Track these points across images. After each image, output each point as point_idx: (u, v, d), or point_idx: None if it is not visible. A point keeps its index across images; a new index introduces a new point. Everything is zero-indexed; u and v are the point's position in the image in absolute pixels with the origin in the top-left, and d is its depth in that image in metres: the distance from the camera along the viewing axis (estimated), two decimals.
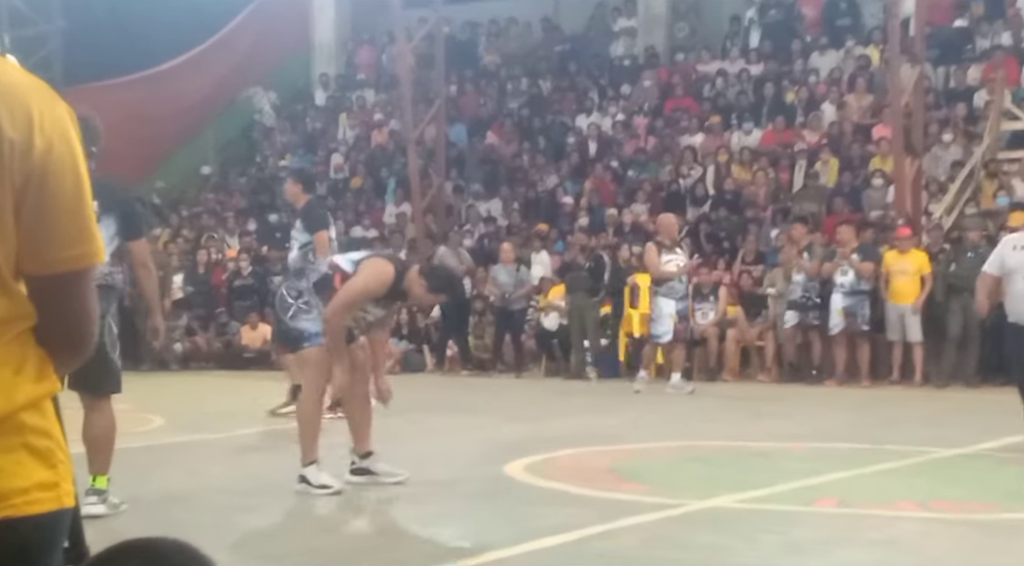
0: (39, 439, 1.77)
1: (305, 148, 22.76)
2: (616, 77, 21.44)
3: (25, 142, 1.70)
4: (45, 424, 1.79)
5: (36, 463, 1.76)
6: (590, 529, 5.87)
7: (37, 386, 1.78)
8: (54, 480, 1.78)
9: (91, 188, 1.77)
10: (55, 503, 1.78)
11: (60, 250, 1.75)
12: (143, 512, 6.40)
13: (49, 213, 1.73)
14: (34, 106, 1.73)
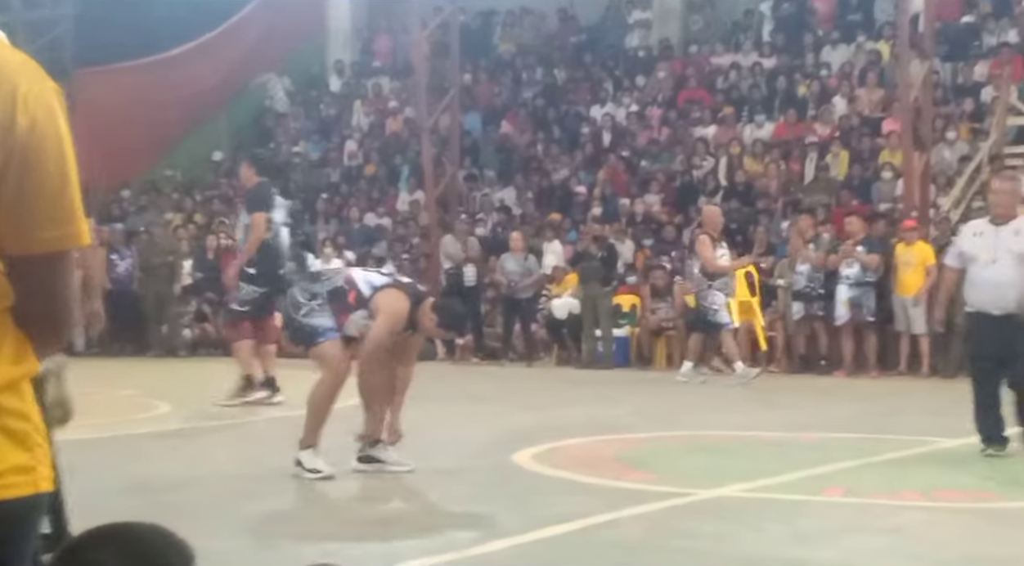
0: (16, 422, 1.73)
1: (319, 135, 22.76)
2: (630, 68, 21.41)
3: (8, 119, 1.66)
4: (23, 406, 1.74)
5: (12, 446, 1.72)
6: (596, 518, 5.89)
7: (15, 368, 1.73)
8: (31, 464, 1.74)
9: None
10: (31, 487, 1.74)
11: (42, 230, 1.70)
12: (145, 498, 6.42)
13: (31, 192, 1.68)
14: (19, 83, 1.69)
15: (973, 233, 8.07)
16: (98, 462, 7.60)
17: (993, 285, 7.69)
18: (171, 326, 17.57)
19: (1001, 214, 7.89)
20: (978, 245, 7.89)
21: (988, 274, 7.72)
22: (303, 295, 7.07)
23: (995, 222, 7.90)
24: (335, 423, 7.16)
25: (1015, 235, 7.77)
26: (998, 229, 7.83)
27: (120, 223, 18.98)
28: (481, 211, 18.90)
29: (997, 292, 7.67)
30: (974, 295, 7.94)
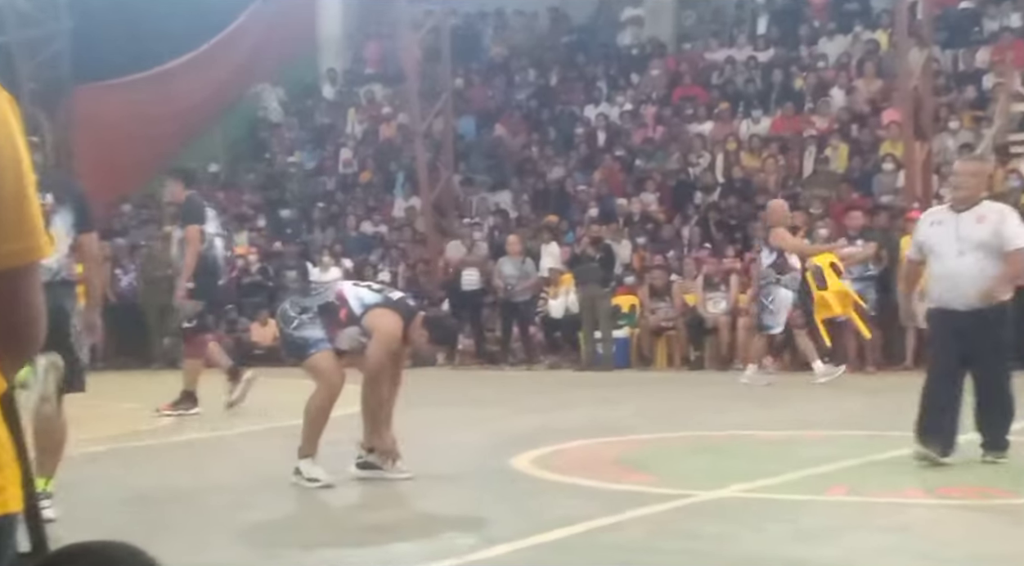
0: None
1: (313, 144, 22.73)
2: (624, 66, 21.35)
3: None
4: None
5: None
6: (597, 521, 5.83)
7: None
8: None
9: (48, 182, 1.69)
10: (0, 508, 1.66)
11: (0, 244, 1.64)
12: (145, 510, 6.38)
13: None
14: None
15: (931, 222, 7.40)
16: (99, 475, 7.58)
17: (954, 278, 7.11)
18: (173, 338, 17.53)
19: (963, 199, 7.25)
20: (937, 235, 7.25)
21: (948, 266, 7.13)
22: (294, 309, 7.05)
23: (956, 208, 7.29)
24: (333, 431, 7.11)
25: (977, 223, 7.15)
26: (959, 216, 7.21)
27: (122, 237, 18.97)
28: (477, 215, 18.85)
29: (958, 285, 7.09)
30: (935, 289, 7.34)
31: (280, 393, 11.17)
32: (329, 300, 7.03)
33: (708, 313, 15.15)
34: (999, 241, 7.09)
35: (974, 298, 7.07)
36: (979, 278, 7.04)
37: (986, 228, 7.11)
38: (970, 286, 7.05)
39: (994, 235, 7.08)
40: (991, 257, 7.07)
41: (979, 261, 7.07)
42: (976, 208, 7.21)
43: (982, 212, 7.20)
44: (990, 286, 7.10)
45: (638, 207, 17.64)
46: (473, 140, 21.00)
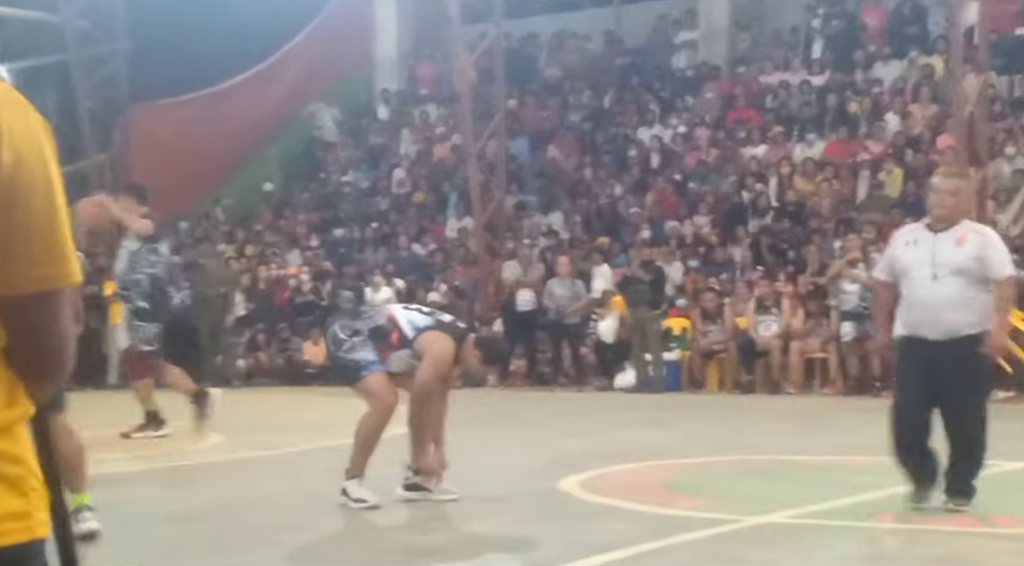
0: (9, 466, 1.68)
1: (367, 164, 22.90)
2: (678, 89, 21.35)
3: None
4: (15, 450, 1.69)
5: (6, 491, 1.67)
6: (642, 546, 5.82)
7: (7, 411, 1.69)
8: (25, 509, 1.68)
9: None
10: (26, 534, 1.68)
11: (29, 269, 1.65)
12: (193, 528, 6.45)
13: (17, 230, 1.64)
14: (3, 118, 1.64)
15: (906, 241, 6.74)
16: (149, 493, 7.68)
17: (928, 304, 6.47)
18: (225, 356, 17.72)
19: (942, 218, 6.59)
20: (912, 256, 6.61)
21: (922, 291, 6.49)
22: (344, 332, 7.10)
23: (934, 228, 6.62)
24: (380, 452, 7.15)
25: (956, 245, 6.52)
26: (936, 237, 6.57)
27: (177, 255, 19.22)
28: (528, 236, 18.90)
29: (933, 313, 6.45)
30: (906, 315, 6.64)
31: (331, 412, 11.26)
32: (380, 323, 7.09)
33: (759, 336, 15.08)
34: (981, 267, 6.50)
35: (948, 327, 6.44)
36: (955, 306, 6.43)
37: (966, 251, 6.50)
38: (944, 314, 6.43)
39: (976, 260, 6.48)
40: (970, 283, 6.48)
41: (956, 287, 6.45)
42: (955, 229, 6.59)
43: (962, 233, 6.58)
44: (1001, 341, 6.66)
45: (690, 229, 17.61)
46: (526, 161, 21.07)
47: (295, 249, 20.22)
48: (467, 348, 7.11)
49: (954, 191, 6.67)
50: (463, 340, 7.14)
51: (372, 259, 19.34)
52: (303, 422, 12.24)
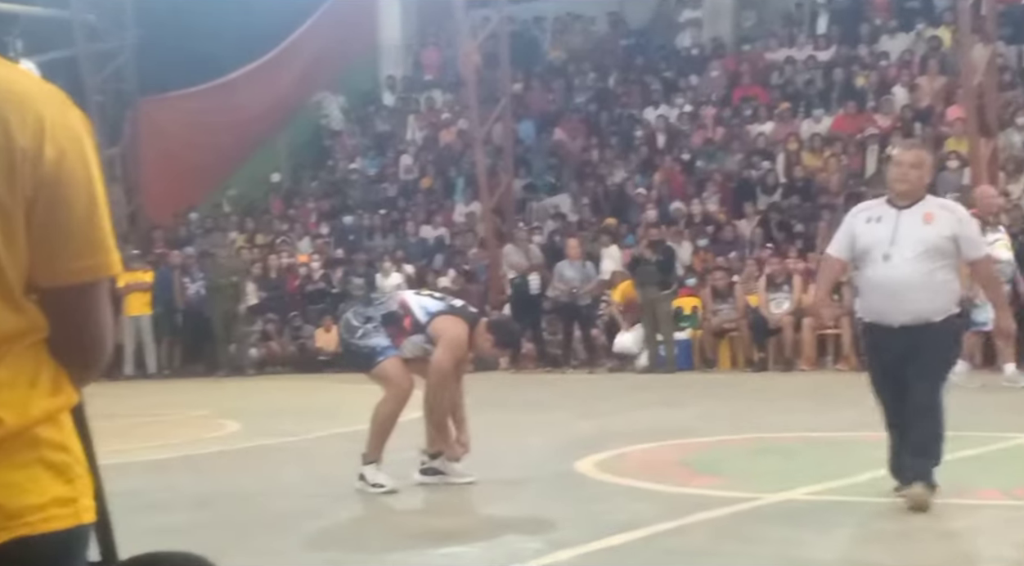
0: (55, 453, 1.72)
1: (375, 151, 22.89)
2: (683, 69, 21.30)
3: (36, 151, 1.66)
4: (62, 438, 1.73)
5: (52, 478, 1.71)
6: (661, 525, 5.82)
7: (52, 400, 1.73)
8: (72, 495, 1.72)
9: None
10: (73, 519, 1.72)
11: (71, 261, 1.70)
12: (212, 516, 6.47)
13: (60, 223, 1.68)
14: (45, 114, 1.68)
15: (868, 218, 6.16)
16: (168, 481, 7.71)
17: (892, 288, 5.94)
18: (238, 345, 17.76)
19: (904, 193, 6.06)
20: (873, 234, 6.07)
21: (886, 273, 5.96)
22: (357, 319, 7.11)
23: (896, 204, 6.08)
24: (396, 437, 7.16)
25: (923, 223, 6.00)
26: (900, 214, 6.04)
27: (189, 246, 19.26)
28: (536, 219, 18.88)
29: (897, 297, 5.92)
30: (868, 300, 6.19)
31: (345, 398, 11.29)
32: (392, 309, 7.09)
33: (771, 314, 15.06)
34: (954, 247, 5.99)
35: (915, 312, 5.92)
36: (921, 289, 5.90)
37: (936, 230, 5.97)
38: (909, 297, 5.89)
39: (948, 240, 5.97)
40: (938, 264, 5.95)
41: (923, 268, 5.92)
42: (920, 205, 6.06)
43: (928, 209, 6.05)
44: (1007, 324, 6.57)
45: (699, 209, 17.57)
46: (532, 145, 21.04)
47: (305, 237, 20.24)
48: (479, 332, 7.12)
49: (917, 164, 6.11)
50: (475, 324, 7.15)
51: (381, 245, 19.35)
52: (317, 409, 12.27)
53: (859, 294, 6.35)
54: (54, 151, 1.67)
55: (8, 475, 1.67)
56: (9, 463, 1.67)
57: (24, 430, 1.69)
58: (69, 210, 1.68)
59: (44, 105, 1.69)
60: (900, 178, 6.10)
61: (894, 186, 6.14)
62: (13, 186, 1.66)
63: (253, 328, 18.04)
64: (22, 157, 1.65)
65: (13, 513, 1.66)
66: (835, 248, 6.37)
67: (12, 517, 1.66)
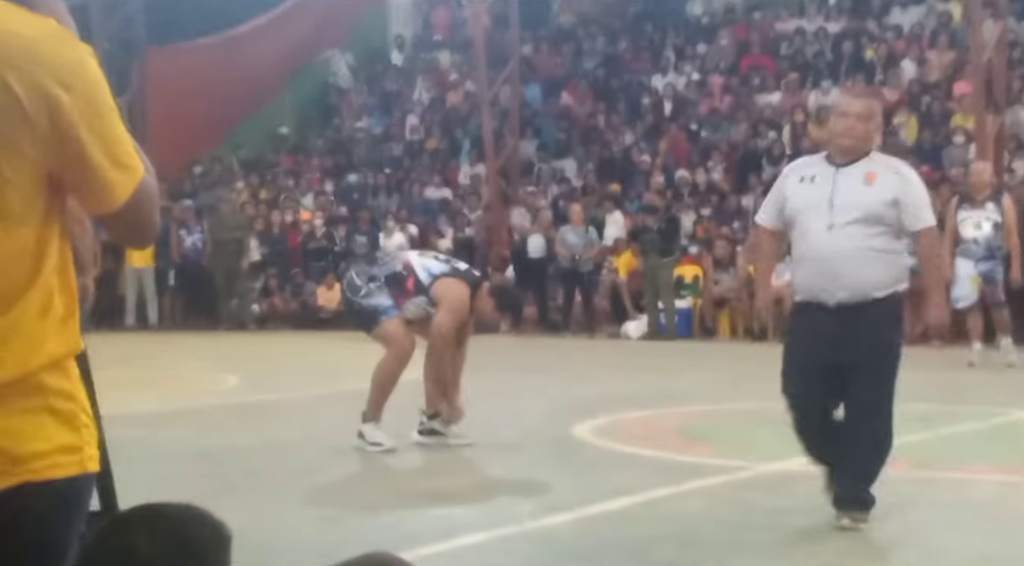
0: (62, 402, 1.73)
1: (381, 110, 22.84)
2: (692, 36, 21.20)
3: (51, 100, 1.68)
4: (69, 386, 1.75)
5: (58, 426, 1.72)
6: (656, 491, 5.87)
7: (60, 343, 1.74)
8: (78, 444, 1.74)
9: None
10: (78, 467, 1.74)
11: (119, 186, 1.76)
12: (209, 470, 6.52)
13: (85, 160, 1.72)
14: (44, 59, 1.69)
15: (800, 177, 5.24)
16: (167, 434, 7.75)
17: (827, 260, 5.03)
18: (240, 301, 17.80)
19: (846, 149, 5.12)
20: (806, 196, 5.15)
21: (819, 242, 5.07)
22: (361, 278, 7.14)
23: (835, 162, 5.16)
24: (396, 397, 7.20)
25: (864, 184, 5.07)
26: (837, 173, 5.12)
27: (191, 199, 19.25)
28: (541, 183, 18.87)
29: (833, 271, 5.01)
30: (800, 274, 5.25)
31: (345, 357, 11.33)
32: (396, 270, 7.12)
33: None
34: (897, 214, 5.06)
35: (855, 288, 5.03)
36: (861, 260, 5.00)
37: (878, 192, 5.05)
38: (849, 270, 5.01)
39: (890, 205, 5.05)
40: (877, 230, 5.04)
41: (863, 237, 5.02)
42: (863, 163, 5.13)
43: (871, 169, 5.11)
44: (940, 314, 5.50)
45: (703, 177, 17.55)
46: (539, 108, 20.98)
47: (309, 194, 20.23)
48: (481, 295, 7.14)
49: (866, 115, 5.13)
50: (478, 287, 7.18)
51: (385, 205, 19.34)
52: (317, 366, 12.31)
53: (793, 267, 5.36)
54: (66, 92, 1.69)
55: (14, 421, 1.68)
56: (15, 409, 1.68)
57: (31, 374, 1.70)
58: (101, 137, 1.72)
59: (42, 50, 1.69)
60: (845, 132, 5.13)
61: (838, 141, 5.18)
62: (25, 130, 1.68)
63: (255, 284, 18.07)
64: (28, 98, 1.67)
65: (18, 459, 1.67)
66: (765, 215, 5.43)
67: (17, 463, 1.67)
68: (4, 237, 1.70)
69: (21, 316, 1.70)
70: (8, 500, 1.68)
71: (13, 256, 1.70)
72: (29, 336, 1.70)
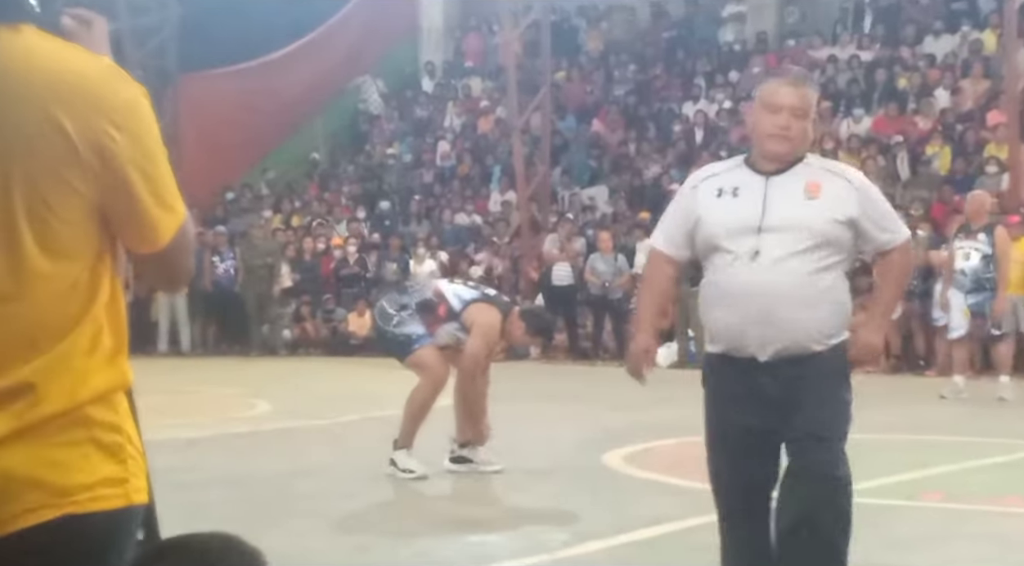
0: (107, 434, 1.74)
1: (412, 136, 22.96)
2: (724, 63, 21.23)
3: (105, 137, 1.71)
4: (115, 419, 1.76)
5: (103, 458, 1.72)
6: (689, 521, 5.84)
7: (108, 374, 1.76)
8: (123, 476, 1.74)
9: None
10: (123, 500, 1.74)
11: (162, 226, 1.78)
12: (242, 495, 6.55)
13: (131, 199, 1.75)
14: (102, 96, 1.72)
15: (719, 190, 3.86)
16: (199, 459, 7.79)
17: (758, 300, 3.73)
18: (271, 326, 17.88)
19: (777, 154, 3.80)
20: (729, 215, 3.81)
21: (749, 277, 3.75)
22: (392, 306, 7.18)
23: (762, 169, 3.84)
24: (428, 424, 7.21)
25: (806, 196, 3.77)
26: (768, 183, 3.81)
27: (223, 225, 19.37)
28: (571, 211, 18.91)
29: (765, 314, 3.73)
30: (718, 317, 3.90)
31: (376, 383, 11.35)
32: (427, 297, 7.16)
33: None
34: (849, 235, 3.82)
35: (791, 334, 3.76)
36: (801, 301, 3.76)
37: (825, 208, 3.78)
38: (788, 315, 3.74)
39: (841, 224, 3.79)
40: (824, 262, 3.78)
41: (804, 268, 3.76)
42: (800, 169, 3.83)
43: (813, 177, 3.81)
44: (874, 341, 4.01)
45: None
46: (570, 135, 21.04)
47: (341, 221, 20.33)
48: (512, 320, 7.17)
49: (804, 109, 3.83)
50: (508, 313, 7.20)
51: (416, 231, 19.41)
52: (349, 393, 12.35)
53: (703, 309, 4.02)
54: (118, 131, 1.72)
55: (58, 453, 1.69)
56: (61, 441, 1.70)
57: (78, 407, 1.71)
58: (149, 178, 1.76)
59: (99, 82, 1.73)
60: (778, 132, 3.77)
61: (766, 145, 3.81)
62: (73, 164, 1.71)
63: (286, 310, 18.15)
64: (79, 137, 1.70)
65: (62, 491, 1.68)
66: (664, 238, 4.01)
67: (61, 494, 1.68)
68: (55, 273, 1.72)
69: (70, 350, 1.71)
70: (53, 532, 1.68)
71: (64, 292, 1.72)
72: (77, 371, 1.71)
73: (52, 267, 1.72)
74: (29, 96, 1.68)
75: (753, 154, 3.94)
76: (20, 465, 1.67)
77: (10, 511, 1.66)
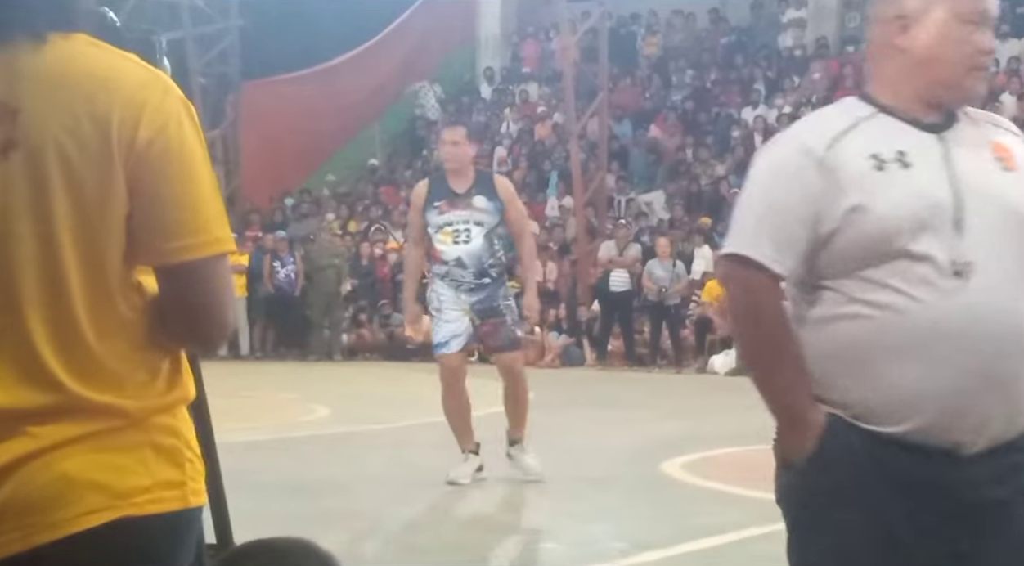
0: (165, 437, 1.74)
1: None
2: (784, 69, 21.07)
3: (129, 135, 1.69)
4: (173, 422, 1.76)
5: (161, 461, 1.73)
6: (750, 530, 5.77)
7: (167, 396, 1.76)
8: (180, 479, 1.74)
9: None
10: (180, 502, 1.74)
11: (168, 241, 1.70)
12: (300, 500, 6.55)
13: (156, 204, 1.70)
14: (145, 98, 1.71)
15: (873, 155, 2.24)
16: (259, 464, 7.81)
17: (975, 339, 2.16)
18: (332, 330, 17.98)
19: (976, 95, 2.34)
20: (909, 195, 2.20)
21: (959, 301, 2.15)
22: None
23: (921, 121, 2.31)
24: (482, 430, 7.21)
25: (1001, 166, 2.33)
26: (945, 142, 2.27)
27: (283, 230, 19.52)
28: (628, 216, 18.83)
29: (988, 363, 2.17)
30: (895, 375, 2.20)
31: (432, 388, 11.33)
32: None
33: None
34: None
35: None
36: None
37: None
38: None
39: None
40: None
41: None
42: (965, 122, 2.40)
43: (990, 134, 2.46)
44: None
45: None
46: (628, 141, 20.97)
47: (399, 228, 20.39)
48: None
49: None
50: None
51: None
52: (406, 397, 12.35)
53: (850, 362, 2.29)
54: (148, 134, 1.69)
55: (117, 457, 1.70)
56: (119, 445, 1.71)
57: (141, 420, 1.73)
58: (163, 190, 1.70)
59: (144, 90, 1.71)
60: (985, 61, 2.39)
61: (965, 80, 2.36)
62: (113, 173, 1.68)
63: (345, 314, 18.25)
64: (118, 142, 1.68)
65: (120, 493, 1.69)
66: (772, 247, 2.26)
67: (119, 497, 1.69)
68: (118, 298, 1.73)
69: (132, 374, 1.72)
70: (111, 534, 1.69)
71: (127, 316, 1.73)
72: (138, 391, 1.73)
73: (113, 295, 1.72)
74: (70, 99, 1.68)
75: (903, 96, 2.33)
76: (80, 469, 1.68)
77: (71, 513, 1.67)
